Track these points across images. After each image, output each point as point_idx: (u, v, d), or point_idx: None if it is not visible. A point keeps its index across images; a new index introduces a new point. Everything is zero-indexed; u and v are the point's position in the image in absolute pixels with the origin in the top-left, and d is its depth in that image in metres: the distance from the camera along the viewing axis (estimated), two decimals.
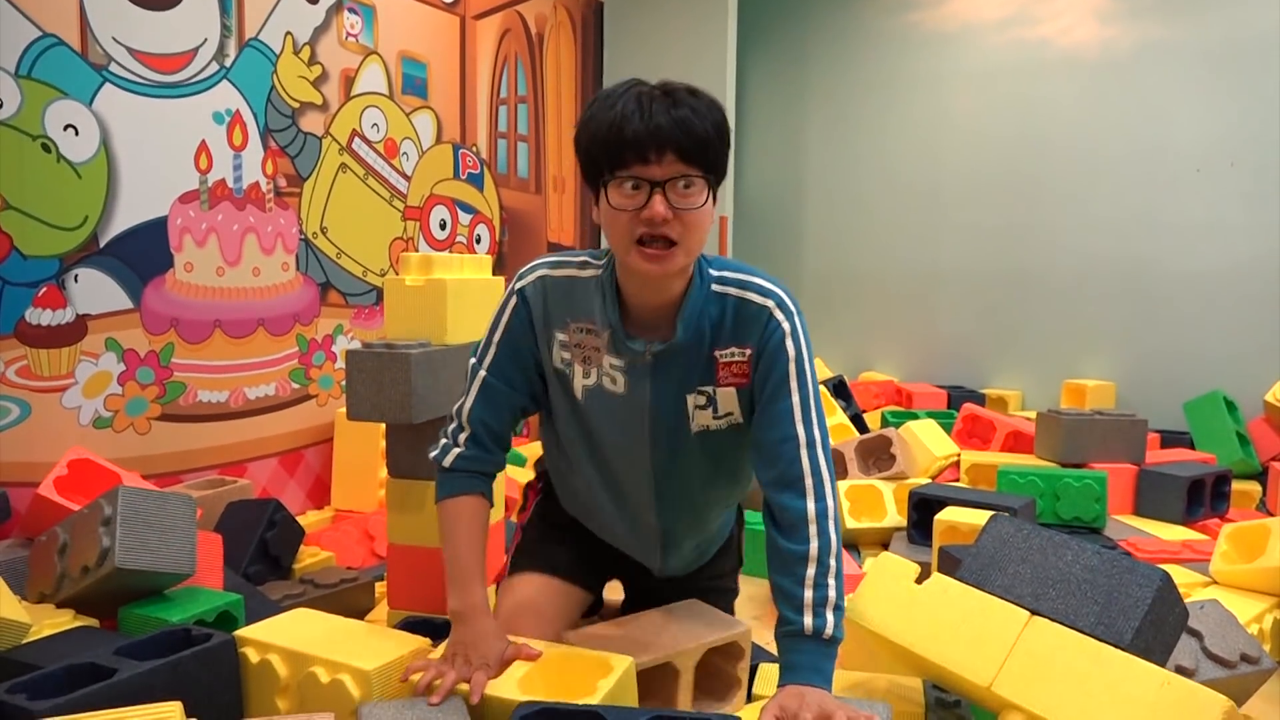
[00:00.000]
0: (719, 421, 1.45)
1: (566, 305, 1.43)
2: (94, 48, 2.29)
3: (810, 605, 1.27)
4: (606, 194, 1.29)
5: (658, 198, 1.25)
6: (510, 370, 1.49)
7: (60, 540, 1.70)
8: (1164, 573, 1.38)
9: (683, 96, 1.27)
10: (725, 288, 1.40)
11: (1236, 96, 3.94)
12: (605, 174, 1.28)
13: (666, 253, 1.28)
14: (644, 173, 1.26)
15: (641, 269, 1.29)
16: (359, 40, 3.09)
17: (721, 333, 1.39)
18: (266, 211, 2.78)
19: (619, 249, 1.31)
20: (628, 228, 1.27)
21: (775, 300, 1.40)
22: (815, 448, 1.35)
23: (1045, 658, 1.30)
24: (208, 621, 1.60)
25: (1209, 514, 2.86)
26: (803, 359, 1.38)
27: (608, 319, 1.39)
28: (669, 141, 1.24)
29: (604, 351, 1.42)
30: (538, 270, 1.46)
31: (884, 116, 4.83)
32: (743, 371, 1.40)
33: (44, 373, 2.23)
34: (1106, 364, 4.28)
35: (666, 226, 1.26)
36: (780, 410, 1.36)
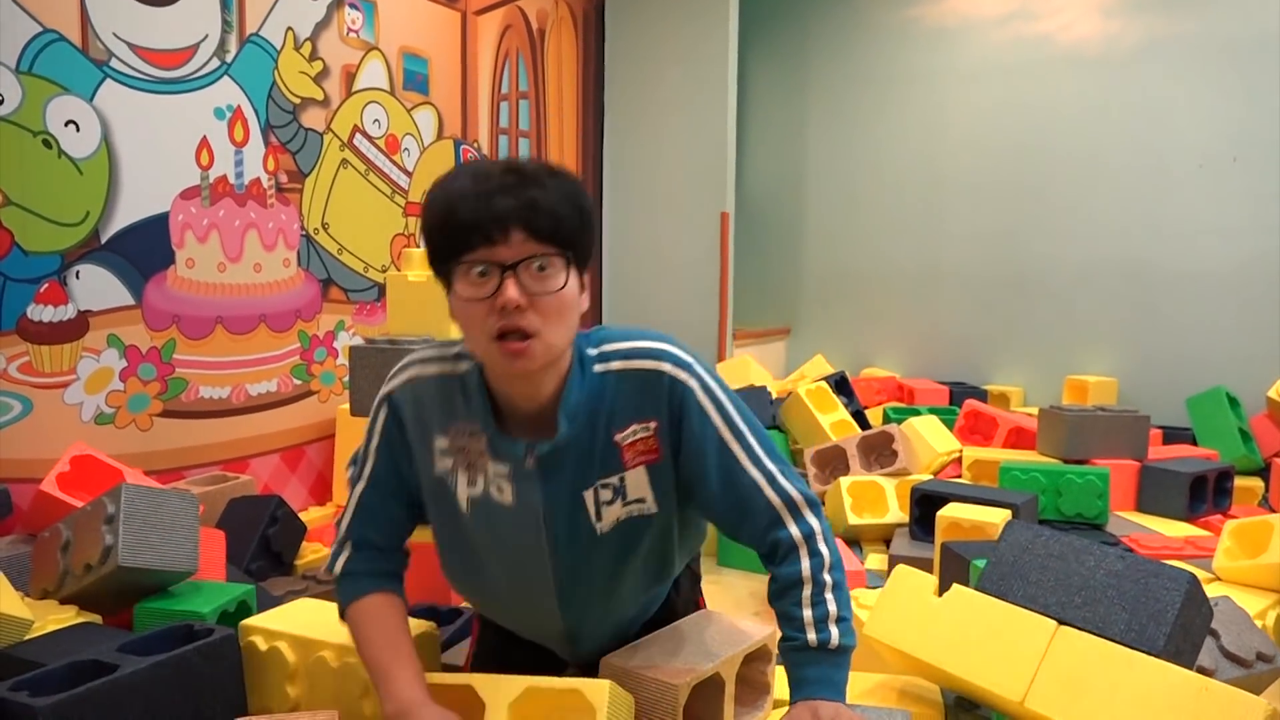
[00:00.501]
0: (629, 509, 1.27)
1: (444, 408, 1.26)
2: (95, 43, 2.28)
3: (811, 623, 1.21)
4: (451, 284, 1.15)
5: (509, 282, 1.10)
6: (390, 484, 1.32)
7: (63, 537, 1.70)
8: (1191, 574, 1.35)
9: (533, 173, 1.13)
10: (608, 364, 1.24)
11: (1240, 92, 3.93)
12: (450, 261, 1.13)
13: (524, 346, 1.12)
14: (490, 255, 1.10)
15: (503, 366, 1.15)
16: (360, 36, 3.08)
17: (615, 415, 1.23)
18: (268, 207, 2.78)
19: (477, 346, 1.16)
20: (483, 321, 1.11)
21: (668, 359, 1.24)
22: (776, 479, 1.25)
23: (1077, 669, 1.26)
24: (230, 612, 1.61)
25: (1211, 510, 2.86)
26: (723, 406, 1.25)
27: (482, 422, 1.23)
28: (513, 217, 1.10)
29: (488, 457, 1.24)
30: (407, 370, 1.29)
31: (885, 112, 4.82)
32: (650, 447, 1.25)
33: (46, 369, 2.23)
34: (1109, 360, 4.28)
35: (520, 316, 1.10)
36: (728, 469, 1.24)
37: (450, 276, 1.15)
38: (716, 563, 2.58)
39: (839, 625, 1.21)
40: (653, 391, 1.23)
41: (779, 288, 5.18)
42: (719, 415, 1.24)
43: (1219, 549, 2.14)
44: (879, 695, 1.45)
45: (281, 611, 1.52)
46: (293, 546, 2.29)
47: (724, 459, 1.24)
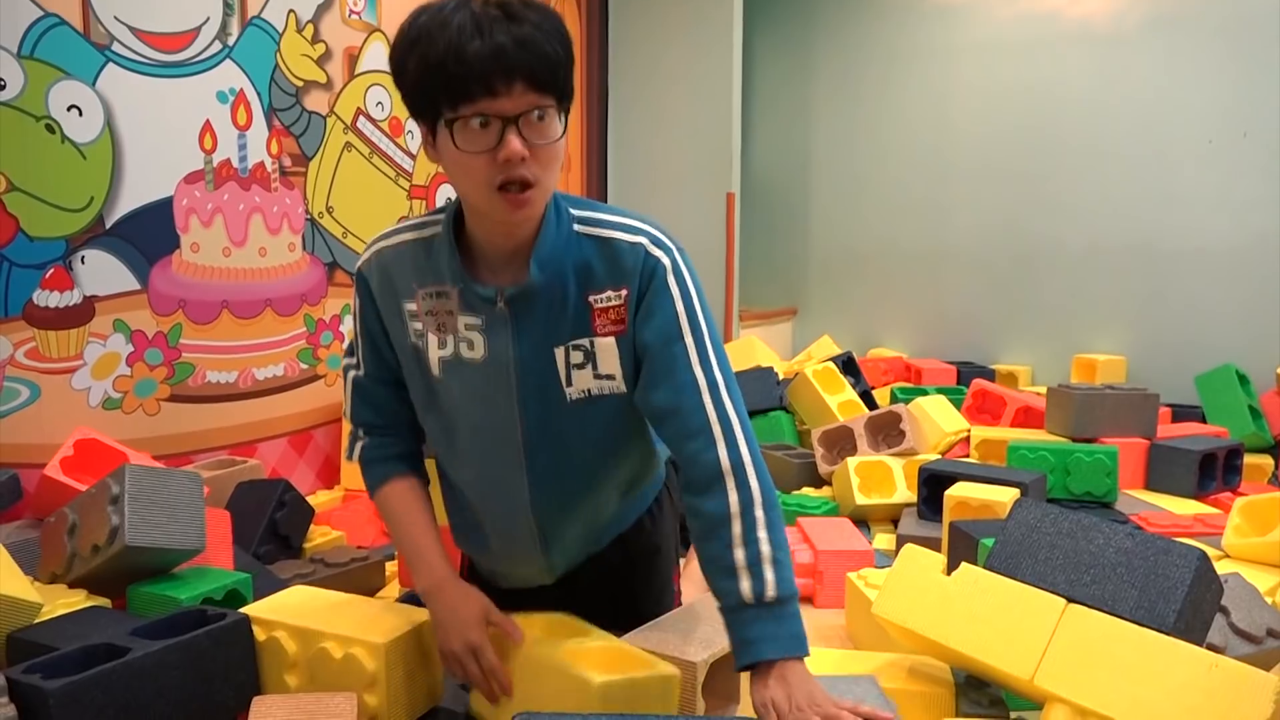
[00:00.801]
0: (600, 384, 1.26)
1: (411, 272, 1.27)
2: (96, 27, 2.27)
3: (744, 567, 1.11)
4: (452, 135, 1.10)
5: (512, 136, 1.08)
6: (375, 362, 1.36)
7: (69, 520, 1.71)
8: (1201, 551, 1.33)
9: (519, 9, 1.08)
10: (588, 228, 1.24)
11: (1249, 67, 3.89)
12: (445, 111, 1.09)
13: (527, 196, 1.12)
14: (492, 107, 1.07)
15: (507, 217, 1.14)
16: (362, 18, 3.06)
17: (591, 275, 1.23)
18: (272, 191, 2.77)
19: (475, 197, 1.15)
20: (485, 173, 1.10)
21: (648, 236, 1.23)
22: (719, 389, 1.19)
23: (1086, 646, 1.25)
24: (216, 600, 1.61)
25: (1221, 488, 2.85)
26: (690, 295, 1.22)
27: (454, 275, 1.23)
28: (517, 69, 1.06)
29: (457, 313, 1.25)
30: (373, 246, 1.32)
31: (891, 91, 4.79)
32: (620, 316, 1.22)
33: (53, 354, 2.23)
34: (1117, 338, 4.26)
35: (524, 167, 1.10)
36: (672, 355, 1.20)
37: (438, 124, 1.12)
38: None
39: (774, 569, 1.12)
40: (627, 261, 1.22)
41: (785, 268, 5.16)
42: (682, 301, 1.22)
43: (1228, 526, 2.13)
44: (888, 674, 1.44)
45: (277, 600, 1.51)
46: (300, 530, 2.30)
47: (670, 345, 1.21)
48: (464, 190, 1.17)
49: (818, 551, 2.17)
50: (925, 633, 1.41)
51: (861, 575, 1.89)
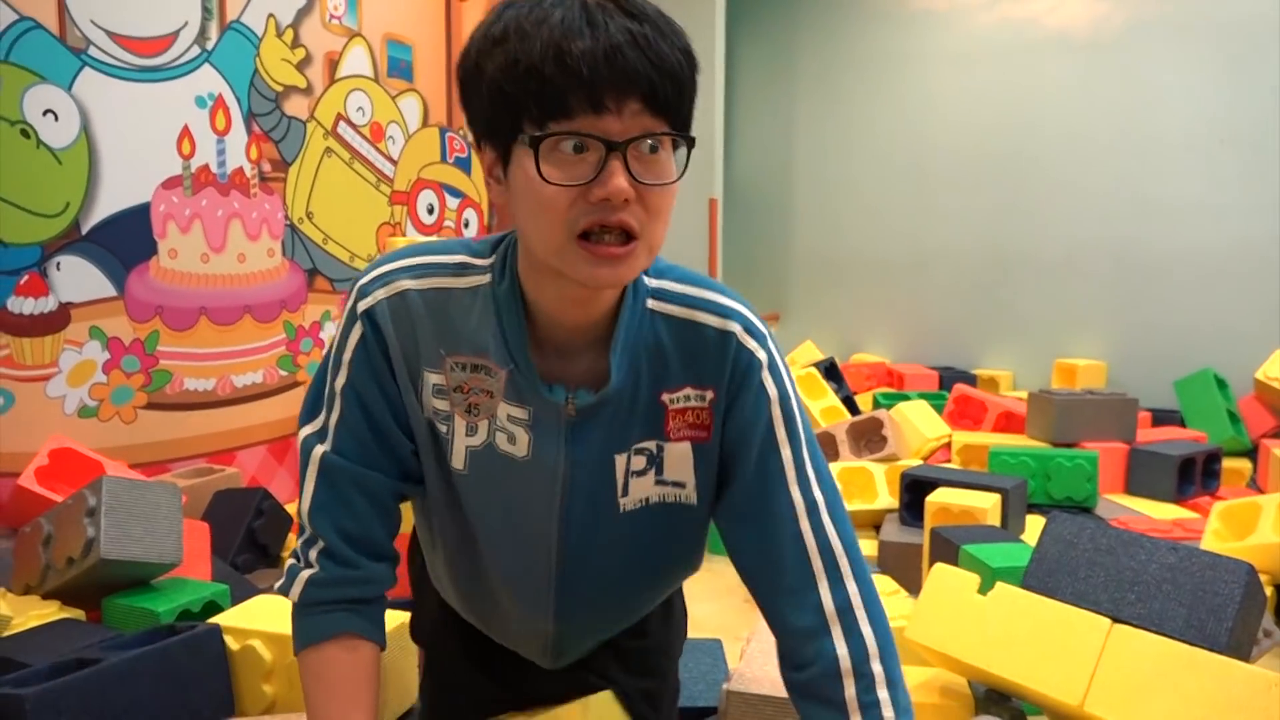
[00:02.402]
0: (663, 491, 1.00)
1: (440, 331, 0.95)
2: (72, 31, 2.25)
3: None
4: (537, 159, 0.82)
5: (617, 166, 0.81)
6: (366, 441, 0.97)
7: (44, 531, 1.69)
8: (1249, 565, 1.30)
9: (639, 5, 0.84)
10: (665, 305, 0.96)
11: (1227, 74, 3.93)
12: (526, 127, 0.82)
13: (626, 250, 0.84)
14: (597, 127, 0.81)
15: (587, 275, 0.85)
16: (343, 22, 3.05)
17: (668, 368, 0.96)
18: (251, 197, 2.75)
19: (547, 244, 0.85)
20: (567, 213, 0.83)
21: (740, 321, 0.97)
22: (820, 514, 0.95)
23: (1136, 669, 1.20)
24: (194, 612, 1.59)
25: (1200, 492, 2.87)
26: (789, 398, 0.98)
27: (508, 353, 0.93)
28: (634, 79, 0.80)
29: (499, 397, 0.95)
30: (389, 279, 0.95)
31: (874, 96, 4.81)
32: (702, 421, 0.97)
33: (27, 361, 2.20)
34: (1097, 343, 4.28)
35: (626, 210, 0.83)
36: (767, 474, 0.96)
37: (513, 145, 0.85)
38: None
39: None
40: (716, 355, 0.96)
41: (767, 274, 5.17)
42: (780, 407, 0.97)
43: (1207, 530, 2.14)
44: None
45: (249, 608, 1.50)
46: (279, 539, 2.28)
47: (765, 459, 0.96)
48: (534, 237, 0.87)
49: None
50: (963, 658, 1.35)
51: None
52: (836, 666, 0.91)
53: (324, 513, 0.96)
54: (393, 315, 0.94)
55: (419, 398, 0.97)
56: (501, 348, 0.93)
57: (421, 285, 0.95)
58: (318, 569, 0.96)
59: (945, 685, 1.43)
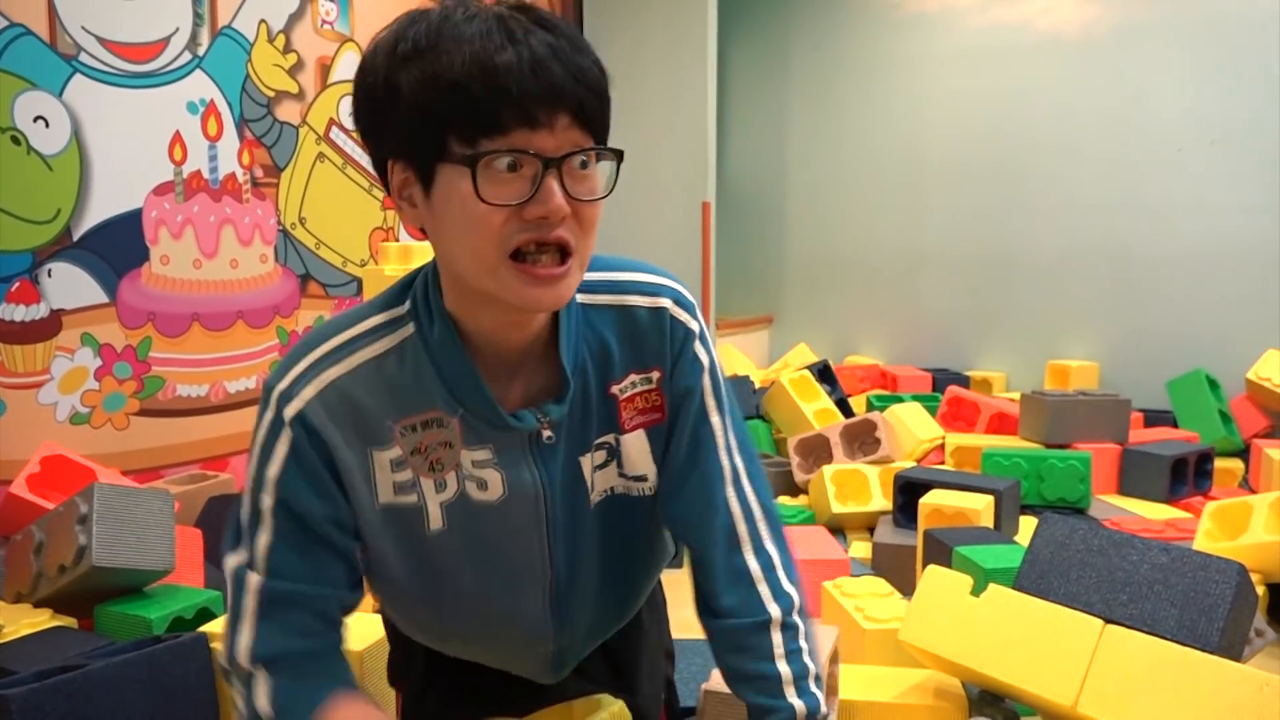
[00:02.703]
0: (625, 484, 0.99)
1: (383, 405, 0.87)
2: (63, 37, 2.25)
3: (792, 682, 0.94)
4: (474, 180, 0.77)
5: (553, 183, 0.79)
6: (308, 549, 0.88)
7: (36, 539, 1.68)
8: (1240, 565, 1.30)
9: (551, 19, 0.82)
10: (594, 296, 0.94)
11: (1217, 75, 3.94)
12: (455, 146, 0.78)
13: (564, 269, 0.82)
14: (532, 143, 0.78)
15: (524, 297, 0.81)
16: (334, 27, 3.05)
17: (610, 360, 0.94)
18: (243, 203, 2.75)
19: (479, 265, 0.81)
20: (500, 231, 0.79)
21: (670, 295, 0.96)
22: (741, 481, 0.99)
23: (1129, 670, 1.20)
24: (186, 619, 1.59)
25: (1192, 492, 2.88)
26: (716, 367, 0.99)
27: (455, 397, 0.88)
28: (564, 94, 0.79)
29: (459, 445, 0.90)
30: (314, 375, 0.86)
31: (866, 99, 4.82)
32: (653, 404, 0.97)
33: (19, 369, 2.20)
34: (1090, 344, 4.30)
35: (564, 227, 0.81)
36: (699, 441, 0.97)
37: (437, 166, 0.80)
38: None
39: (818, 685, 0.96)
40: (654, 334, 0.95)
41: (761, 277, 5.17)
42: (709, 376, 0.98)
43: (1199, 531, 2.15)
44: (897, 689, 1.42)
45: None
46: None
47: (698, 428, 0.98)
48: (463, 259, 0.82)
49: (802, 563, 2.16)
50: (957, 659, 1.36)
51: (837, 584, 1.89)
52: (766, 621, 0.95)
53: (269, 644, 0.86)
54: (328, 412, 0.86)
55: (371, 485, 0.89)
56: (446, 395, 0.88)
57: (349, 367, 0.87)
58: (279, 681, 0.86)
59: (939, 687, 1.43)
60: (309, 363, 0.87)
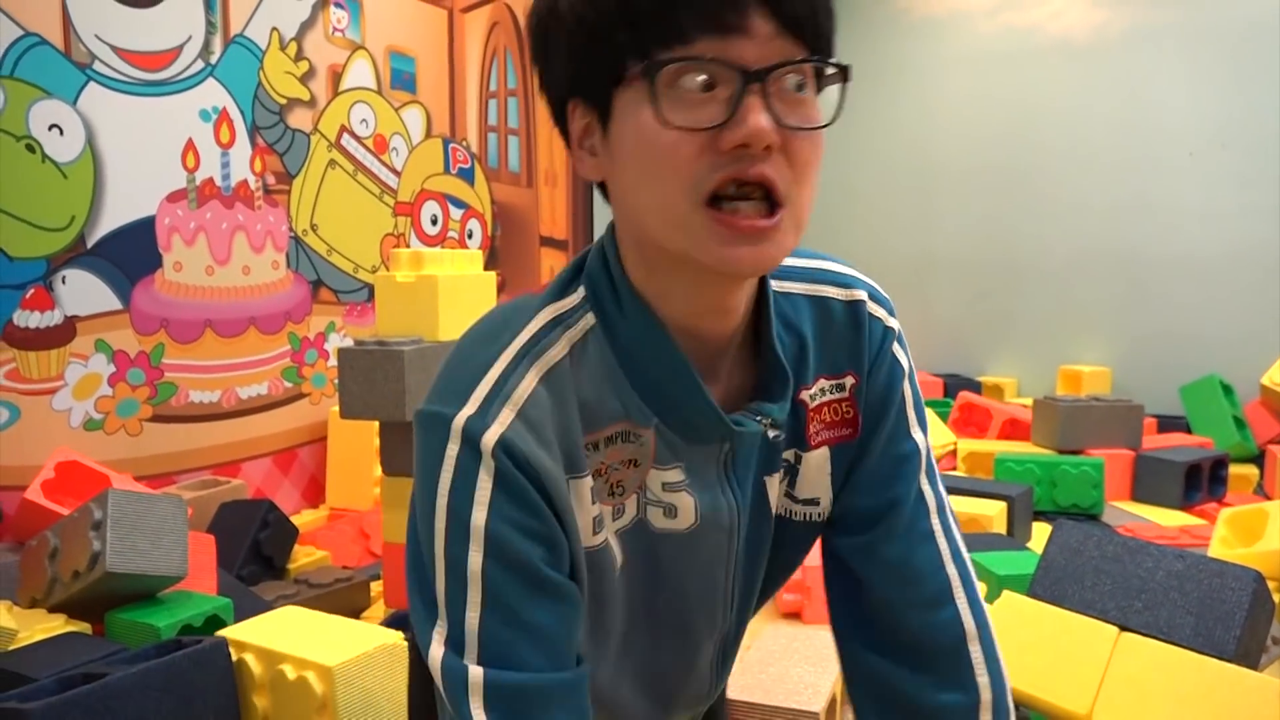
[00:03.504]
0: (792, 508, 0.80)
1: (576, 421, 0.68)
2: (77, 46, 2.26)
3: None
4: (654, 99, 0.60)
5: (756, 102, 0.60)
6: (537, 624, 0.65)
7: (51, 545, 1.69)
8: (1256, 572, 1.29)
9: None
10: (787, 283, 0.76)
11: (1228, 79, 3.93)
12: (631, 62, 0.61)
13: (771, 222, 0.63)
14: (725, 51, 0.60)
15: (720, 256, 0.62)
16: (346, 35, 3.06)
17: (804, 361, 0.76)
18: (255, 209, 2.76)
19: (666, 214, 0.63)
20: (692, 165, 0.61)
21: (866, 289, 0.80)
22: (946, 515, 0.79)
23: (1144, 678, 1.19)
24: (196, 626, 1.59)
25: (1206, 498, 2.86)
26: (913, 375, 0.82)
27: (658, 399, 0.69)
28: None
29: (648, 464, 0.71)
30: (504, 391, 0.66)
31: (875, 104, 4.81)
32: (844, 417, 0.77)
33: (33, 375, 2.21)
34: (1102, 349, 4.27)
35: (768, 162, 0.62)
36: (900, 461, 0.78)
37: (614, 91, 0.63)
38: None
39: None
40: (849, 332, 0.77)
41: None
42: (909, 383, 0.80)
43: (1214, 537, 2.14)
44: None
45: (260, 621, 1.51)
46: (284, 551, 2.28)
47: (897, 444, 0.79)
48: (649, 208, 0.64)
49: (805, 567, 2.16)
50: None
51: None
52: (976, 699, 0.76)
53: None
54: (533, 434, 0.65)
55: (581, 517, 0.69)
56: (638, 401, 0.69)
57: (542, 369, 0.67)
58: None
59: None
60: (491, 381, 0.66)
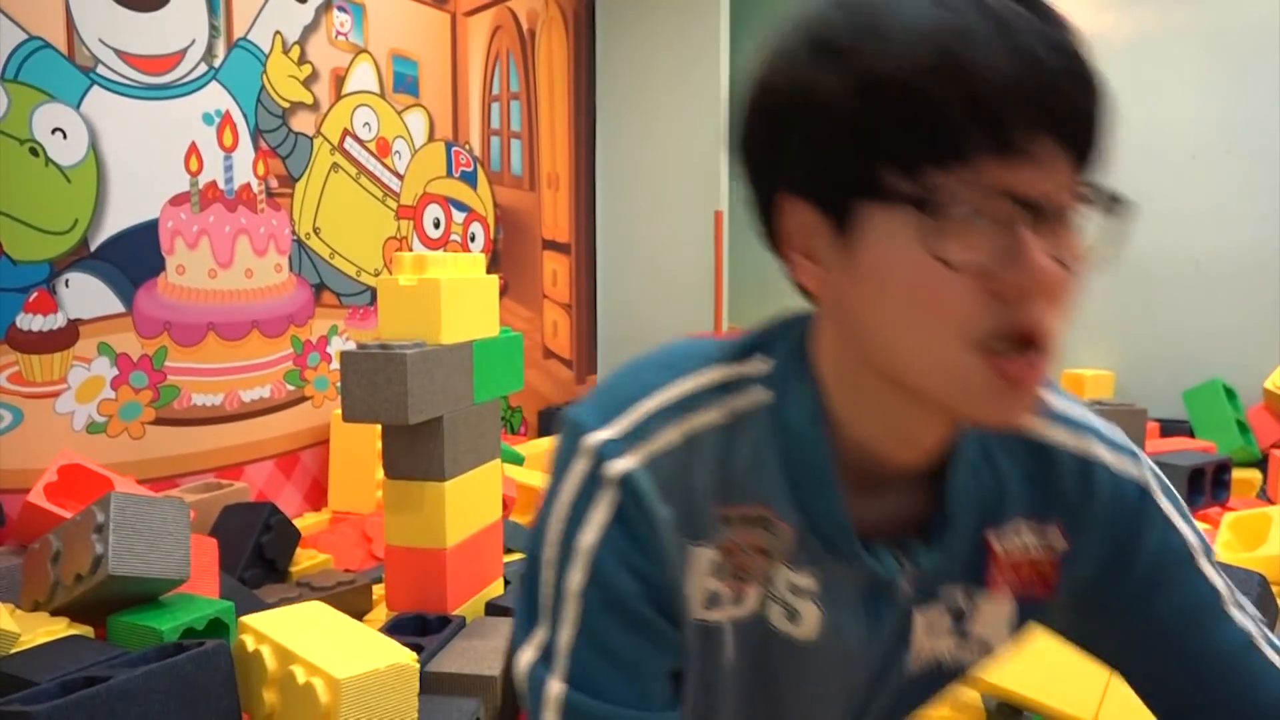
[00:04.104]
0: (963, 653, 0.73)
1: (714, 485, 0.65)
2: (81, 50, 2.27)
3: None
4: (929, 229, 0.54)
5: (1039, 240, 0.55)
6: (628, 660, 0.64)
7: (53, 548, 1.69)
8: (1260, 576, 1.28)
9: (1046, 7, 0.56)
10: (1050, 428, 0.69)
11: (1232, 83, 3.92)
12: (893, 177, 0.54)
13: (1043, 371, 0.58)
14: (1017, 180, 0.54)
15: (999, 412, 0.57)
16: (349, 39, 3.06)
17: (1000, 499, 0.68)
18: (258, 213, 2.76)
19: (931, 363, 0.57)
20: (967, 311, 0.55)
21: (1100, 436, 0.71)
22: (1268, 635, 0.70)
23: None
24: (198, 630, 1.59)
25: (1210, 503, 2.85)
26: (1183, 507, 0.73)
27: (799, 502, 0.65)
28: (1064, 114, 0.56)
29: (780, 559, 0.66)
30: (649, 430, 0.64)
31: None
32: (1042, 575, 0.70)
33: (36, 378, 2.21)
34: (1105, 353, 4.27)
35: (1048, 307, 0.57)
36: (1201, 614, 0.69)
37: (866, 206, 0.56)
38: None
39: None
40: (1074, 486, 0.69)
41: (774, 287, 5.11)
42: (1185, 525, 0.71)
43: (1218, 542, 2.14)
44: None
45: (282, 614, 1.52)
46: (286, 554, 2.28)
47: (1192, 598, 0.69)
48: (903, 351, 0.58)
49: None
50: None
51: None
52: None
53: None
54: (661, 484, 0.63)
55: (690, 584, 0.66)
56: (788, 493, 0.64)
57: (687, 432, 0.64)
58: None
59: (956, 699, 1.43)
60: (641, 415, 0.64)
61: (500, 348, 2.21)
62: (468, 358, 2.05)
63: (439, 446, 1.94)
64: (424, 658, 1.63)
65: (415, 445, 1.94)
